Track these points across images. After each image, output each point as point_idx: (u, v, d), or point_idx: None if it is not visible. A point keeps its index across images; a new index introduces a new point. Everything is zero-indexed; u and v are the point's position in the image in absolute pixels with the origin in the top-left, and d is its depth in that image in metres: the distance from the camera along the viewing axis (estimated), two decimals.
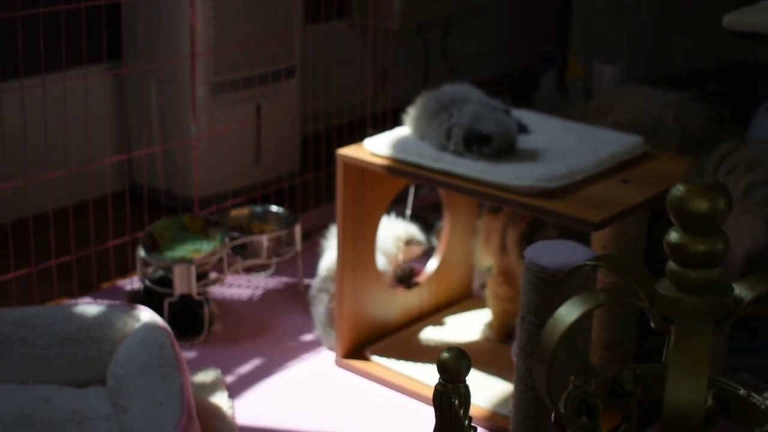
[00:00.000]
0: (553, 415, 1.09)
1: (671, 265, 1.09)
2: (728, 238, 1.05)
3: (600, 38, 5.15)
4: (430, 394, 1.51)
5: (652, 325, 1.11)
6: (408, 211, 3.02)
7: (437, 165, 2.47)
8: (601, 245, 2.43)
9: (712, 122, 3.52)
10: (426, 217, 3.10)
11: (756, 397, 1.09)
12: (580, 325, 1.09)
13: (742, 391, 1.09)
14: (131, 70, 3.41)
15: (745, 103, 4.13)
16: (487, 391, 2.57)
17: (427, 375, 2.64)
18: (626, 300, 1.11)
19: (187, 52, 3.31)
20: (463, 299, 3.01)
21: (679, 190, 1.04)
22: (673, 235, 1.07)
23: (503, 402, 2.52)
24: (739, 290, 1.08)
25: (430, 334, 2.87)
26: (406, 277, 2.93)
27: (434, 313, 2.96)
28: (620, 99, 3.57)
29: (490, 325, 2.82)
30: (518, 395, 1.95)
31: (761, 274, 1.09)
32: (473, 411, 2.45)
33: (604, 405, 1.16)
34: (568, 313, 1.09)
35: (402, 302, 2.88)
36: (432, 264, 2.97)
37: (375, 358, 2.73)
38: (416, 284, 2.92)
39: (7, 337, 2.39)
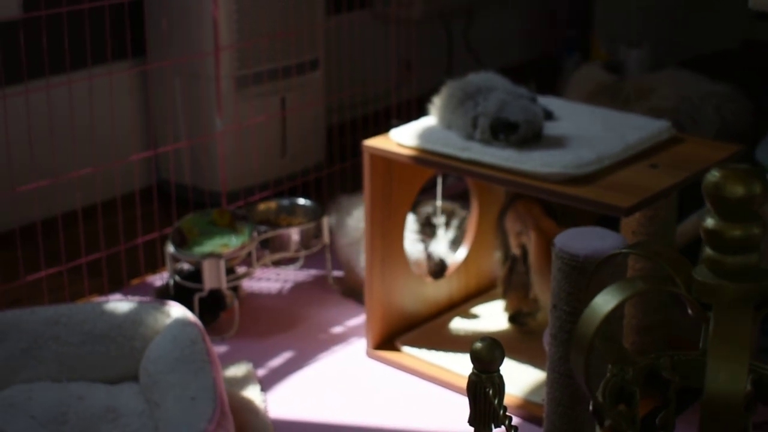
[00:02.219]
0: (591, 404, 1.08)
1: (708, 251, 1.08)
2: (765, 223, 1.04)
3: (623, 22, 5.12)
4: (462, 383, 1.51)
5: (689, 312, 1.11)
6: (438, 203, 3.02)
7: (464, 154, 2.46)
8: (631, 230, 2.42)
9: (750, 115, 3.51)
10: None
11: None
12: (617, 312, 1.09)
13: None
14: (156, 66, 3.42)
15: None
16: (519, 379, 2.57)
17: (459, 365, 2.64)
18: (663, 287, 1.10)
19: (211, 47, 3.32)
20: (492, 288, 3.00)
21: (714, 175, 1.03)
22: (710, 221, 1.06)
23: (536, 390, 2.51)
24: None
25: (460, 323, 2.86)
26: (439, 270, 2.93)
27: (463, 303, 2.96)
28: (662, 83, 3.56)
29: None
30: (551, 383, 1.95)
31: None
32: (506, 400, 2.46)
33: (641, 391, 1.15)
34: (604, 302, 1.08)
35: (431, 292, 2.88)
36: (460, 254, 2.96)
37: (406, 348, 2.73)
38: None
39: (40, 336, 2.41)
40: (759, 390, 1.11)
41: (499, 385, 1.47)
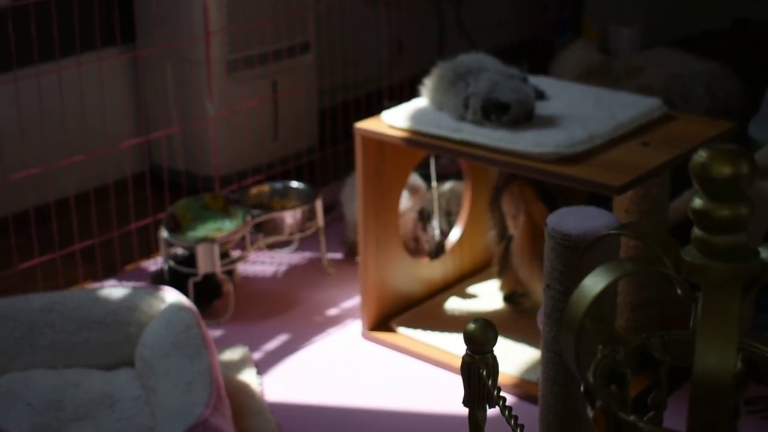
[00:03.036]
0: (582, 385, 1.09)
1: (696, 231, 1.08)
2: (753, 203, 1.04)
3: (614, 2, 5.11)
4: (457, 363, 1.52)
5: (679, 292, 1.11)
6: (434, 183, 3.02)
7: (456, 135, 2.46)
8: (624, 209, 2.42)
9: (741, 93, 3.51)
10: (451, 212, 3.10)
11: None
12: (607, 293, 1.09)
13: None
14: (146, 52, 3.41)
15: (764, 61, 4.10)
16: (514, 358, 2.57)
17: (454, 345, 2.65)
18: (652, 268, 1.11)
19: (201, 32, 3.31)
20: (486, 268, 3.00)
21: (701, 156, 1.04)
22: (697, 201, 1.07)
23: (531, 369, 2.52)
24: (766, 254, 1.07)
25: (455, 304, 2.87)
26: (436, 251, 2.94)
27: (458, 283, 2.96)
28: (652, 61, 3.56)
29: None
30: (545, 362, 1.95)
31: None
32: (501, 378, 2.46)
33: (633, 371, 1.16)
34: (594, 283, 1.08)
35: (426, 273, 2.88)
36: (454, 234, 2.97)
37: (401, 329, 2.74)
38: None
39: (35, 323, 2.41)
40: (750, 368, 1.11)
41: (493, 366, 1.48)
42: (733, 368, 1.00)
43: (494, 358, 1.49)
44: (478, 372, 1.47)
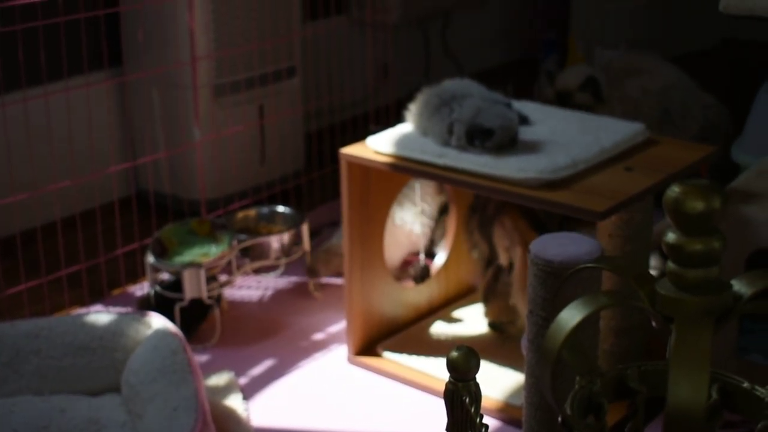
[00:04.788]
0: (559, 416, 1.10)
1: (670, 264, 1.09)
2: (725, 237, 1.06)
3: (600, 23, 5.14)
4: (443, 388, 1.53)
5: (654, 325, 1.12)
6: (418, 208, 3.03)
7: (440, 161, 2.47)
8: (607, 233, 2.43)
9: (726, 116, 3.54)
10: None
11: (760, 390, 1.10)
12: (583, 326, 1.10)
13: (746, 385, 1.10)
14: (133, 78, 3.43)
15: (748, 83, 4.13)
16: (499, 382, 2.58)
17: (440, 369, 2.66)
18: (627, 302, 1.12)
19: (188, 57, 3.32)
20: (472, 292, 3.01)
21: (674, 191, 1.05)
22: (671, 236, 1.08)
23: (516, 393, 2.53)
24: (739, 287, 1.09)
25: (440, 328, 2.88)
26: (421, 276, 2.95)
27: (443, 307, 2.97)
28: (652, 65, 3.58)
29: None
30: (529, 387, 1.96)
31: (760, 271, 1.10)
32: (486, 402, 2.48)
33: (610, 400, 1.17)
34: (570, 316, 1.10)
35: (411, 297, 2.89)
36: (440, 258, 2.98)
37: (387, 354, 2.74)
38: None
39: (21, 349, 2.41)
40: (724, 397, 1.12)
41: (476, 393, 1.49)
42: (706, 400, 1.01)
43: (477, 385, 1.50)
44: (461, 399, 1.48)
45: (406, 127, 2.67)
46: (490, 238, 2.73)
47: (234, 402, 2.56)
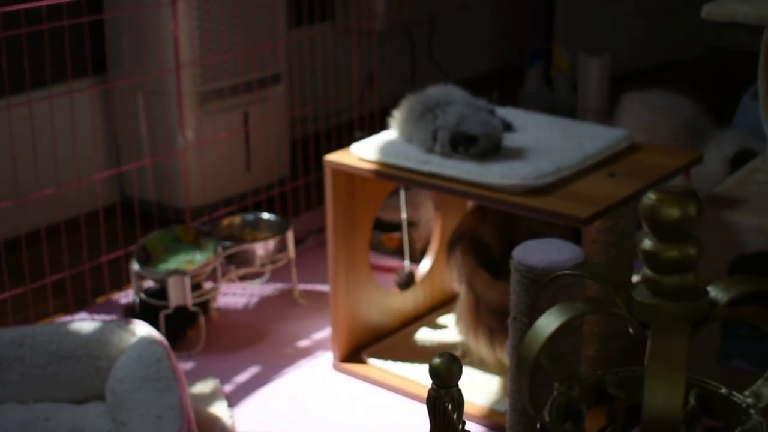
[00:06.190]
0: (538, 423, 1.10)
1: (646, 271, 1.10)
2: (701, 243, 1.06)
3: (585, 31, 5.16)
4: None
5: (630, 331, 1.13)
6: (403, 215, 3.04)
7: (425, 167, 2.48)
8: (591, 239, 2.44)
9: (705, 115, 3.55)
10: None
11: (737, 396, 1.10)
12: (565, 331, 1.10)
13: (723, 390, 1.10)
14: (117, 85, 3.42)
15: (732, 91, 4.15)
16: (483, 388, 2.58)
17: (425, 376, 2.65)
18: (604, 308, 1.13)
19: (172, 64, 3.32)
20: (456, 299, 3.01)
21: (650, 198, 1.06)
22: (647, 242, 1.09)
23: (500, 399, 2.53)
24: (715, 293, 1.09)
25: (425, 334, 2.88)
26: (406, 282, 2.95)
27: (429, 314, 2.98)
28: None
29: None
30: (513, 393, 1.97)
31: (736, 277, 1.10)
32: (470, 408, 2.48)
33: (589, 407, 1.17)
34: (547, 323, 1.10)
35: (397, 304, 2.89)
36: (425, 265, 2.98)
37: (372, 360, 2.75)
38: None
39: (4, 358, 2.40)
40: (703, 403, 1.13)
41: (458, 400, 1.49)
42: (683, 406, 1.02)
43: (459, 392, 1.50)
44: (443, 406, 1.48)
45: (390, 134, 2.67)
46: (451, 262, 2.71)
47: (219, 409, 2.55)
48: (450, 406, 1.45)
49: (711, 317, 1.09)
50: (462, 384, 1.54)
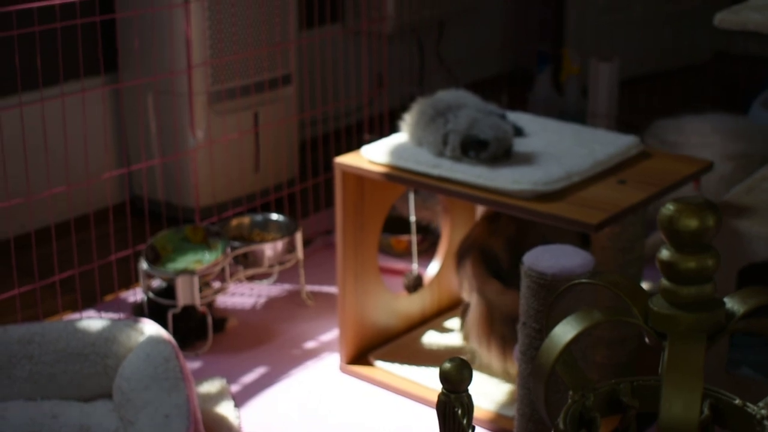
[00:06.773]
0: (553, 431, 1.11)
1: (664, 281, 1.10)
2: (719, 254, 1.07)
3: (595, 35, 5.16)
4: (435, 398, 1.53)
5: (647, 341, 1.13)
6: (412, 218, 3.04)
7: (435, 171, 2.48)
8: (600, 246, 2.44)
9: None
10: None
11: (751, 407, 1.10)
12: (578, 338, 1.11)
13: (737, 401, 1.11)
14: (129, 84, 3.43)
15: (740, 97, 4.15)
16: (491, 393, 2.59)
17: (432, 379, 2.66)
18: (621, 318, 1.13)
19: (184, 64, 3.33)
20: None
21: (669, 209, 1.06)
22: (665, 253, 1.09)
23: (508, 404, 2.53)
24: (731, 304, 1.09)
25: (433, 338, 2.88)
26: (414, 285, 2.95)
27: (436, 317, 2.98)
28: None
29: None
30: (521, 399, 1.97)
31: (753, 288, 1.11)
32: (479, 413, 2.48)
33: (603, 415, 1.17)
34: (563, 332, 1.10)
35: (404, 307, 2.90)
36: (433, 268, 2.99)
37: (379, 363, 2.75)
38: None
39: (13, 355, 2.41)
40: (716, 414, 1.13)
41: (468, 405, 1.49)
42: (699, 416, 1.02)
43: (469, 397, 1.50)
44: (453, 411, 1.49)
45: (400, 137, 2.67)
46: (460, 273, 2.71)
47: (226, 409, 2.56)
48: (460, 411, 1.45)
49: (727, 329, 1.10)
50: (470, 388, 1.54)
